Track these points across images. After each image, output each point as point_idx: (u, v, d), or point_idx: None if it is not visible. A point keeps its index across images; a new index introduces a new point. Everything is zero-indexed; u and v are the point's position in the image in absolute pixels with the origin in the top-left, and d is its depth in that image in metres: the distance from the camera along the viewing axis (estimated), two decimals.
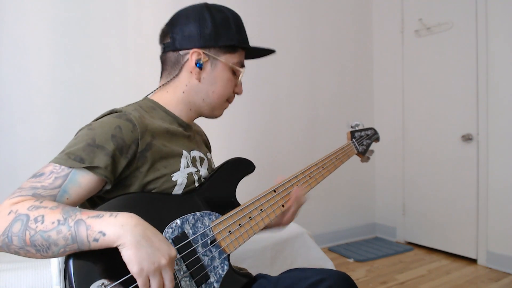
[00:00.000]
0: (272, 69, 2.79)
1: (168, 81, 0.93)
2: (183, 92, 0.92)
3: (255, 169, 0.98)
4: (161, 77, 0.97)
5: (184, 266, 0.77)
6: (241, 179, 0.97)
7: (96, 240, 0.63)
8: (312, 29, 2.99)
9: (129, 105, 0.90)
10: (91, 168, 0.72)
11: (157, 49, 0.97)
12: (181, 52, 0.90)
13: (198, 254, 0.81)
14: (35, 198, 0.67)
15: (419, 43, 2.99)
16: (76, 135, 0.79)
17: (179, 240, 0.78)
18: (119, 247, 0.63)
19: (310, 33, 2.98)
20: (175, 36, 0.90)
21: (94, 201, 0.83)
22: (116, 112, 0.82)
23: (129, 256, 0.62)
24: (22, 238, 0.62)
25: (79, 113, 2.05)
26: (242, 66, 0.95)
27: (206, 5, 0.91)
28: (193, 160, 0.91)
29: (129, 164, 0.78)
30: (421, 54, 2.98)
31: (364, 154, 1.34)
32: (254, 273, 1.01)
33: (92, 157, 0.73)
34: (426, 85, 2.95)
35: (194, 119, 0.99)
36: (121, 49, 2.22)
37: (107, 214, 0.65)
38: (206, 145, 1.12)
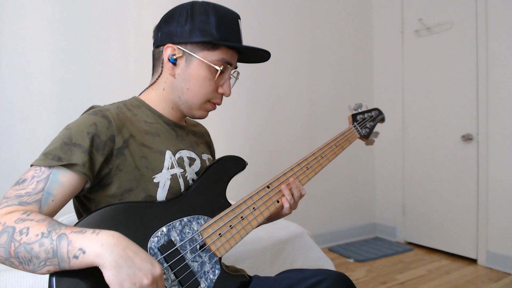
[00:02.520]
0: (272, 68, 2.79)
1: (155, 80, 0.93)
2: (163, 89, 0.91)
3: (255, 169, 0.94)
4: (152, 75, 0.97)
5: (172, 275, 0.75)
6: (231, 178, 0.93)
7: (76, 257, 0.62)
8: (312, 29, 2.99)
9: (113, 103, 0.90)
10: (69, 166, 0.72)
11: None
12: (161, 48, 0.90)
13: (187, 261, 0.78)
14: (22, 208, 0.68)
15: (419, 43, 2.99)
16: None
17: (166, 249, 0.76)
18: (100, 267, 0.62)
19: (310, 33, 2.98)
20: (158, 33, 0.91)
21: (83, 204, 0.83)
22: (93, 108, 0.83)
23: (109, 277, 0.61)
24: (8, 249, 0.62)
25: (79, 113, 2.03)
26: (228, 64, 0.90)
27: (192, 3, 0.90)
28: (180, 161, 0.88)
29: (106, 161, 0.77)
30: (421, 54, 2.98)
31: (367, 137, 1.26)
32: (253, 274, 1.01)
33: (70, 155, 0.73)
34: (426, 85, 2.95)
35: (182, 118, 0.97)
36: (121, 49, 2.22)
37: (89, 231, 0.64)
38: (208, 147, 1.09)
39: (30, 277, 1.10)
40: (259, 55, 0.95)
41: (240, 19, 0.93)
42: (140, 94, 0.96)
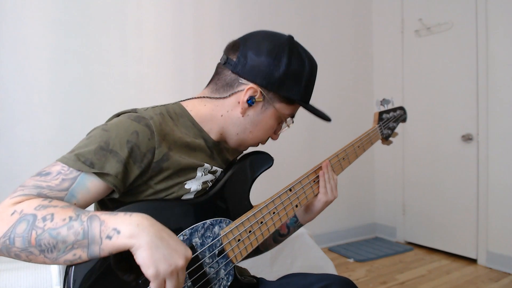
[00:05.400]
0: None
1: (212, 97, 0.86)
2: (221, 116, 0.85)
3: None
4: (207, 84, 0.89)
5: (190, 282, 0.74)
6: (258, 176, 0.89)
7: (109, 237, 0.59)
8: (312, 29, 2.99)
9: (155, 107, 0.83)
10: (100, 175, 0.67)
11: (156, 49, 0.96)
12: (241, 80, 0.82)
13: (205, 268, 0.77)
14: (42, 197, 0.63)
15: (419, 43, 2.99)
16: (88, 134, 0.74)
17: None
18: (132, 249, 0.59)
19: (310, 33, 2.98)
20: (241, 60, 0.82)
21: (104, 203, 0.80)
22: (136, 113, 0.76)
23: (143, 258, 0.58)
24: (27, 238, 0.58)
25: (79, 114, 2.05)
26: (292, 117, 0.90)
27: (289, 42, 0.84)
28: (213, 172, 0.85)
29: (142, 174, 0.73)
30: (421, 54, 2.98)
31: (387, 139, 1.20)
32: (253, 273, 1.01)
33: (104, 162, 0.68)
34: (426, 85, 2.95)
35: (221, 139, 0.90)
36: (121, 49, 2.22)
37: (121, 213, 0.62)
38: None
39: (30, 277, 1.10)
40: (319, 115, 0.91)
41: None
42: (185, 100, 0.88)
